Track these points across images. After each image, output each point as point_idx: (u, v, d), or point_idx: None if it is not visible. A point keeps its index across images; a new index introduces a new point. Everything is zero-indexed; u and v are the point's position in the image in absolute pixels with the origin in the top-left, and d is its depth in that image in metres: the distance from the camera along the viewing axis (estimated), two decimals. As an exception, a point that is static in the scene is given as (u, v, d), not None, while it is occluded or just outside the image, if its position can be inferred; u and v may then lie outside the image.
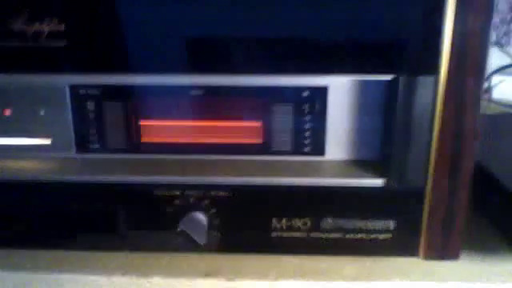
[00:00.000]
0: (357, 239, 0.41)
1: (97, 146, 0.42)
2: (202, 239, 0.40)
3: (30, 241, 0.43)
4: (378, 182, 0.40)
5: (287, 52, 0.38)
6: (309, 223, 0.41)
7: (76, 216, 0.41)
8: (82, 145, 0.42)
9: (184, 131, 0.41)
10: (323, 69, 0.39)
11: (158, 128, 0.42)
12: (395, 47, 0.38)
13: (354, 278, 0.42)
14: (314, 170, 0.41)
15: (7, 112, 0.41)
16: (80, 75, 0.40)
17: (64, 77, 0.40)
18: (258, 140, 0.41)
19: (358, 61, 0.38)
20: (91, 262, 0.44)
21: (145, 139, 0.42)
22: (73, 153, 0.42)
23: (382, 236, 0.41)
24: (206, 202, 0.40)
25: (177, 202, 0.40)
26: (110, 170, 0.41)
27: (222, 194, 0.40)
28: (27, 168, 0.41)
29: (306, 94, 0.40)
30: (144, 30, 0.38)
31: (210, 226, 0.41)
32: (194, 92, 0.40)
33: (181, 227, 0.40)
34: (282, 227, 0.41)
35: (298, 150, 0.42)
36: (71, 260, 0.44)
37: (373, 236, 0.41)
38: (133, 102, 0.41)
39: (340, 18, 0.37)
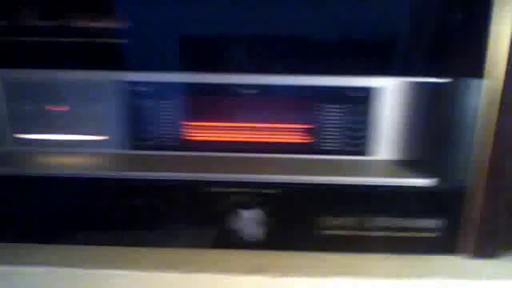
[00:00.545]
0: (404, 237, 0.42)
1: (151, 143, 0.43)
2: (251, 236, 0.41)
3: (80, 236, 0.44)
4: (426, 181, 0.40)
5: (340, 54, 0.40)
6: (357, 222, 0.42)
7: (129, 212, 0.43)
8: (137, 142, 0.43)
9: (235, 130, 0.43)
10: (375, 71, 0.40)
11: (209, 127, 0.43)
12: (446, 51, 0.39)
13: (401, 276, 0.42)
14: (363, 169, 0.42)
15: (65, 108, 0.42)
16: (137, 73, 0.41)
17: (121, 74, 0.41)
18: (308, 139, 0.43)
19: (409, 63, 0.39)
20: (136, 257, 0.45)
21: (197, 137, 0.43)
22: (127, 149, 0.43)
23: (428, 234, 0.42)
24: (258, 199, 0.41)
25: (228, 199, 0.41)
26: (163, 166, 0.42)
27: (272, 191, 0.41)
28: (83, 164, 0.43)
29: (356, 94, 0.41)
30: (207, 31, 0.39)
31: (260, 223, 0.42)
32: (246, 91, 0.42)
33: (231, 224, 0.41)
34: (329, 225, 0.42)
35: (347, 150, 0.43)
36: (111, 256, 0.45)
37: (419, 234, 0.42)
38: (187, 101, 0.42)
39: (396, 22, 0.38)
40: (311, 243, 0.43)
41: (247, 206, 0.41)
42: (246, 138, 0.43)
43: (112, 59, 0.40)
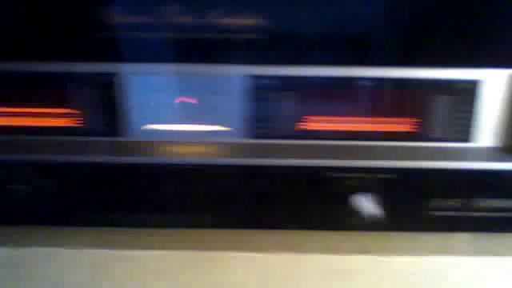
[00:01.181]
0: (505, 218, 0.46)
1: (267, 131, 0.46)
2: (368, 218, 0.45)
3: (200, 219, 0.47)
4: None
5: (449, 45, 0.43)
6: (461, 203, 0.46)
7: (250, 197, 0.46)
8: (253, 131, 0.46)
9: (351, 120, 0.46)
10: (480, 62, 0.43)
11: (327, 117, 0.46)
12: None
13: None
14: (468, 155, 0.45)
15: (194, 100, 0.45)
16: (261, 66, 0.44)
17: (245, 67, 0.44)
18: (417, 128, 0.46)
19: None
20: (253, 239, 0.48)
21: (316, 127, 0.46)
22: (243, 138, 0.46)
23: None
24: (374, 183, 0.45)
25: (347, 184, 0.45)
26: (285, 153, 0.45)
27: (384, 176, 0.45)
28: (206, 152, 0.46)
29: (464, 86, 0.44)
30: (319, 24, 0.42)
31: (376, 206, 0.45)
32: (361, 83, 0.45)
33: (349, 207, 0.45)
34: (437, 207, 0.46)
35: (453, 137, 0.46)
36: (228, 238, 0.48)
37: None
38: (303, 92, 0.45)
39: (497, 14, 0.41)
40: (421, 224, 0.46)
41: (364, 191, 0.45)
42: (361, 128, 0.46)
43: (241, 54, 0.43)
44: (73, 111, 0.44)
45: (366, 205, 0.44)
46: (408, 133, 0.46)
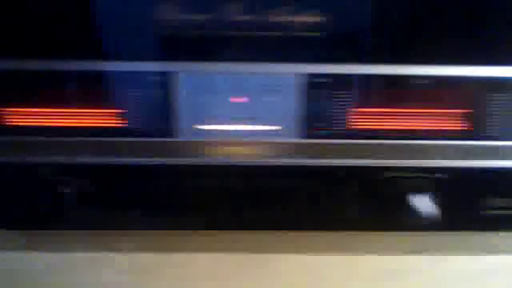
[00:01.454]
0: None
1: (320, 131, 0.45)
2: (423, 218, 0.44)
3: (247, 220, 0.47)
4: None
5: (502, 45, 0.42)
6: (515, 201, 0.45)
7: (300, 197, 0.45)
8: (307, 131, 0.45)
9: (404, 118, 0.45)
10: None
11: (376, 114, 0.45)
12: None
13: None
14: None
15: (241, 100, 0.44)
16: (314, 65, 0.43)
17: (299, 66, 0.43)
18: (470, 127, 0.45)
19: None
20: (300, 240, 0.47)
21: (367, 126, 0.45)
22: (296, 138, 0.45)
23: None
24: (428, 183, 0.44)
25: (401, 183, 0.44)
26: (332, 153, 0.44)
27: (439, 176, 0.44)
28: (257, 153, 0.45)
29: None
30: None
31: (431, 205, 0.44)
32: (414, 81, 0.44)
33: (403, 207, 0.44)
34: (493, 206, 0.45)
35: (505, 136, 0.45)
36: (274, 240, 0.47)
37: None
38: (355, 90, 0.44)
39: None
40: (476, 223, 0.46)
41: (419, 190, 0.44)
42: (415, 126, 0.45)
43: (297, 52, 0.42)
44: (124, 111, 0.43)
45: (422, 204, 0.44)
46: (462, 131, 0.46)
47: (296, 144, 0.45)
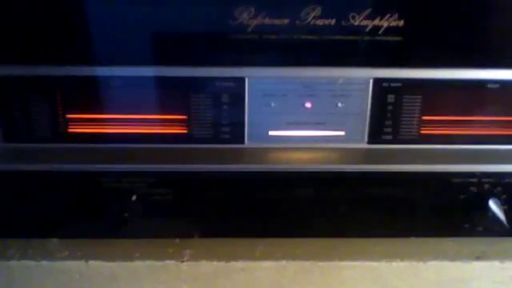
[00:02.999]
0: None
1: (389, 137, 0.44)
2: (491, 223, 0.43)
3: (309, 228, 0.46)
4: None
5: None
6: None
7: (366, 204, 0.44)
8: (375, 136, 0.44)
9: (470, 122, 0.44)
10: None
11: (442, 119, 0.44)
12: None
13: None
14: None
15: (309, 105, 0.43)
16: (386, 69, 0.42)
17: (368, 70, 0.42)
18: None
19: None
20: (364, 247, 0.46)
21: (428, 130, 0.44)
22: (364, 144, 0.44)
23: None
24: (497, 188, 0.43)
25: (472, 189, 0.43)
26: (402, 159, 0.43)
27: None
28: (320, 159, 0.44)
29: None
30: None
31: (500, 211, 0.43)
32: (489, 85, 0.43)
33: (471, 212, 0.43)
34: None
35: None
36: (339, 247, 0.46)
37: None
38: (425, 96, 0.43)
39: None
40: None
41: (489, 195, 0.43)
42: (487, 132, 0.44)
43: (369, 56, 0.41)
44: (192, 117, 0.42)
45: (494, 210, 0.43)
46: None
47: (360, 150, 0.44)
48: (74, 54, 0.40)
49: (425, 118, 0.43)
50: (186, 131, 0.43)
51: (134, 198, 0.41)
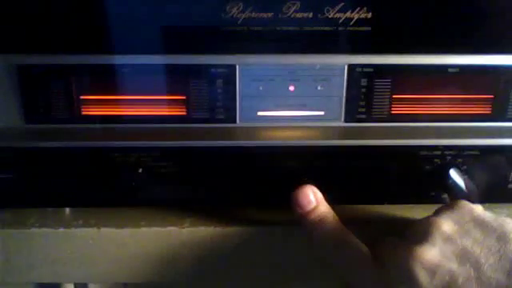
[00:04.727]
0: None
1: (363, 116, 0.50)
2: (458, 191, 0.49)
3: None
4: None
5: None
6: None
7: (345, 176, 0.50)
8: (351, 115, 0.50)
9: (434, 102, 0.50)
10: None
11: (410, 100, 0.50)
12: None
13: None
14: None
15: (292, 88, 0.49)
16: (358, 56, 0.48)
17: (343, 57, 0.48)
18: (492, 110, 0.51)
19: None
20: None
21: (398, 110, 0.50)
22: (341, 122, 0.50)
23: None
24: (459, 160, 0.49)
25: (437, 160, 0.49)
26: (375, 135, 0.49)
27: (471, 153, 0.49)
28: (302, 135, 0.50)
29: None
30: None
31: (465, 180, 0.49)
32: (450, 70, 0.49)
33: (439, 181, 0.49)
34: (513, 180, 0.51)
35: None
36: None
37: None
38: (395, 79, 0.49)
39: None
40: (500, 196, 0.51)
41: (451, 165, 0.49)
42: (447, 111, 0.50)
43: (343, 44, 0.47)
44: (190, 100, 0.48)
45: (455, 178, 0.49)
46: (486, 114, 0.51)
47: (338, 128, 0.50)
48: (86, 44, 0.46)
49: (394, 98, 0.50)
50: (185, 113, 0.49)
51: (140, 170, 0.47)
